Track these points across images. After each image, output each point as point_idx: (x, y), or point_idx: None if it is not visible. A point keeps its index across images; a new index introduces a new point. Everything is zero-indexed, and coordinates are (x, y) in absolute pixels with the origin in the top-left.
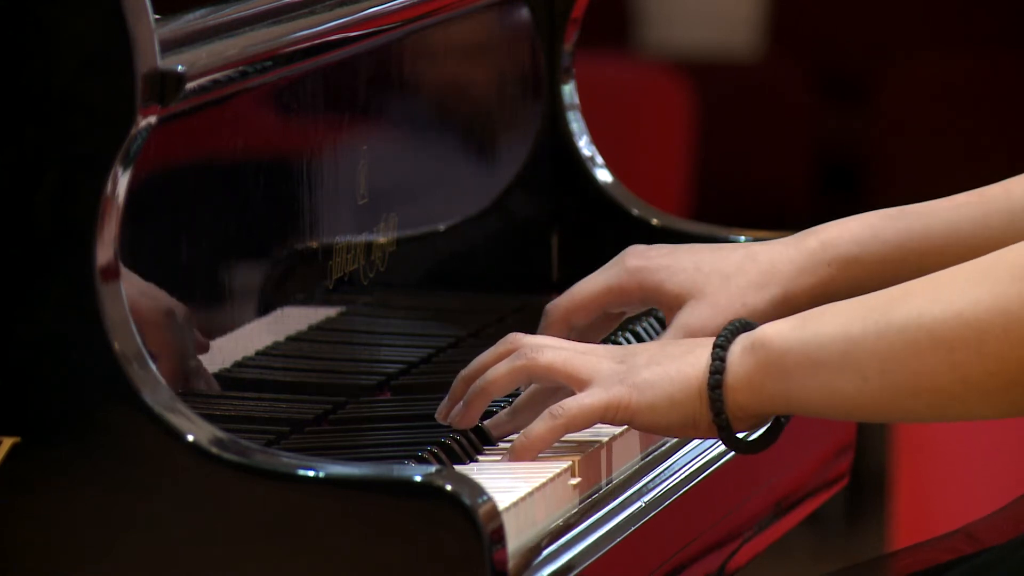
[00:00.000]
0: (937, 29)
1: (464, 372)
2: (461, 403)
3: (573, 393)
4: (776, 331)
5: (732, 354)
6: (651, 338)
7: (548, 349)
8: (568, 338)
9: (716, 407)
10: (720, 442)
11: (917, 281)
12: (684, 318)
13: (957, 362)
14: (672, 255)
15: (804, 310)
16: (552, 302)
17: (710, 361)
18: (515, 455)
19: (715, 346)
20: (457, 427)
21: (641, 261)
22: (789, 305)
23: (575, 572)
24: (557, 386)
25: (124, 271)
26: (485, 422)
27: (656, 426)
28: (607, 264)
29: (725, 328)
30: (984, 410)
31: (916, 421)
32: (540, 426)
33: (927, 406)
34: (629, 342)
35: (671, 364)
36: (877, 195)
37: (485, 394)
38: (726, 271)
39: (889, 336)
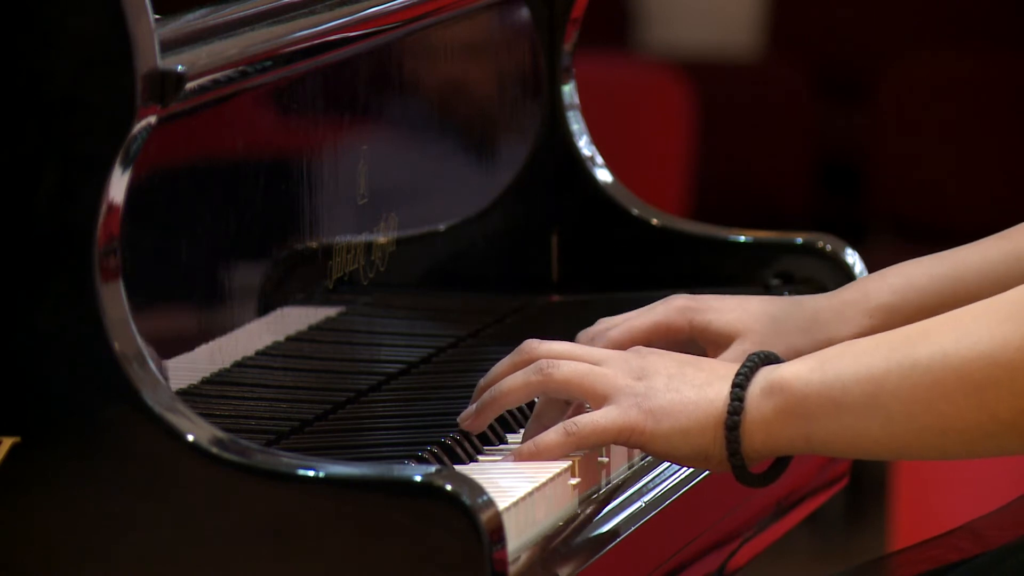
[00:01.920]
0: (937, 29)
1: (482, 381)
2: (472, 407)
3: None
4: (795, 373)
5: (751, 395)
6: None
7: (565, 363)
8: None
9: (732, 448)
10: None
11: (936, 319)
12: (729, 356)
13: (987, 401)
14: (719, 299)
15: None
16: (604, 332)
17: (728, 400)
18: (520, 459)
19: (734, 384)
20: (467, 431)
21: (689, 302)
22: None
23: (575, 572)
24: (572, 399)
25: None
26: (516, 449)
27: (668, 456)
28: (651, 305)
29: (745, 362)
30: (1016, 445)
31: (944, 459)
32: (552, 438)
33: (956, 444)
34: None
35: (689, 393)
36: (877, 195)
37: (497, 404)
38: (773, 314)
39: (914, 377)
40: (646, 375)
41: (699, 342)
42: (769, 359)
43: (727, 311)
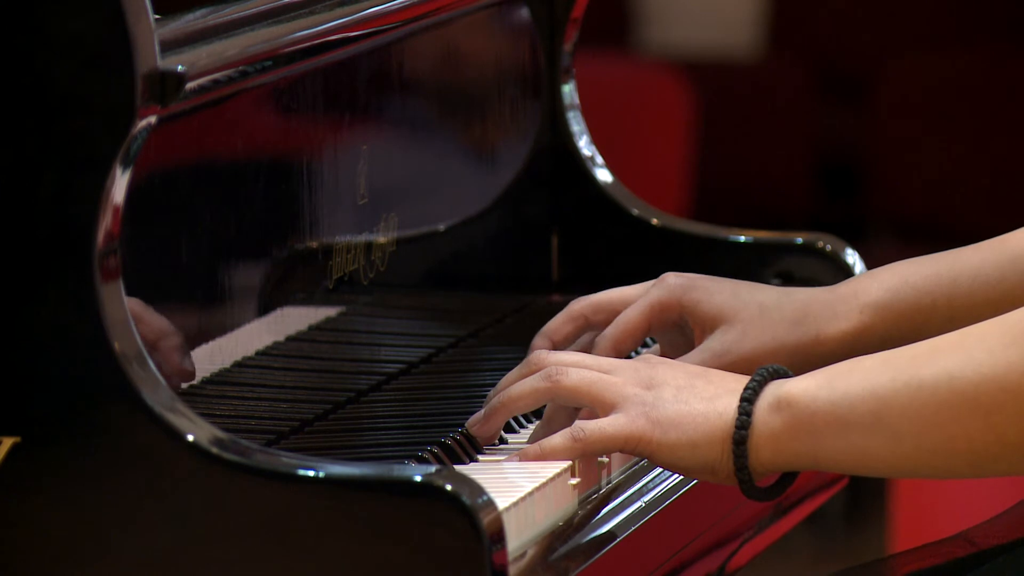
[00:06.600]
0: (937, 28)
1: (493, 391)
2: (481, 412)
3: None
4: (803, 389)
5: (759, 410)
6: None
7: (574, 370)
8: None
9: (739, 463)
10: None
11: (942, 339)
12: (712, 343)
13: (994, 424)
14: (712, 280)
15: (834, 355)
16: (601, 334)
17: (736, 415)
18: (525, 460)
19: (742, 399)
20: (476, 437)
21: (681, 280)
22: (820, 348)
23: (575, 572)
24: (580, 406)
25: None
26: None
27: (674, 467)
28: (642, 284)
29: (754, 376)
30: (1022, 466)
31: (950, 478)
32: (558, 442)
33: (963, 464)
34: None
35: (697, 406)
36: (877, 195)
37: (505, 409)
38: (763, 303)
39: (921, 397)
40: (655, 385)
41: (687, 321)
42: (778, 373)
43: (716, 293)
